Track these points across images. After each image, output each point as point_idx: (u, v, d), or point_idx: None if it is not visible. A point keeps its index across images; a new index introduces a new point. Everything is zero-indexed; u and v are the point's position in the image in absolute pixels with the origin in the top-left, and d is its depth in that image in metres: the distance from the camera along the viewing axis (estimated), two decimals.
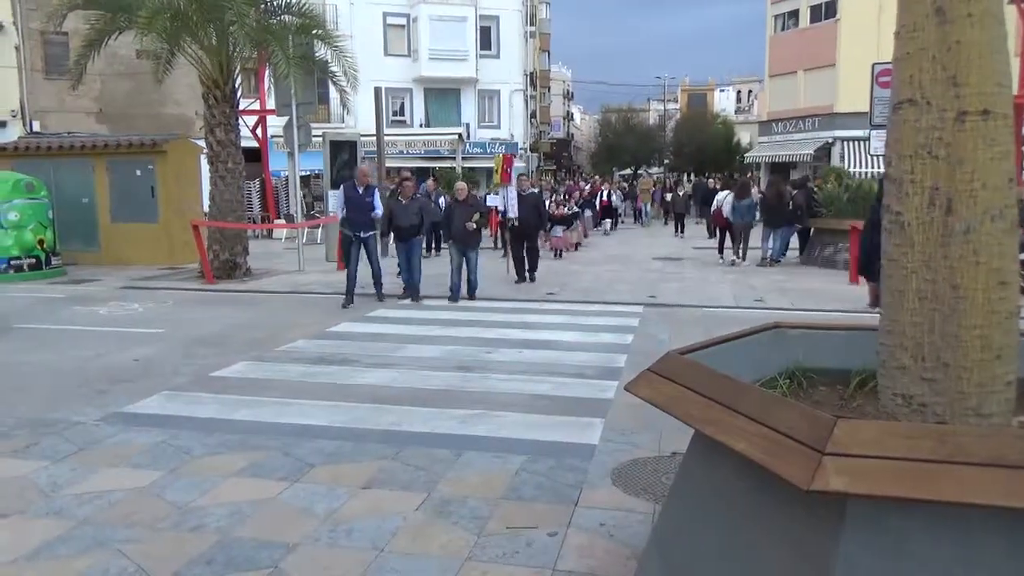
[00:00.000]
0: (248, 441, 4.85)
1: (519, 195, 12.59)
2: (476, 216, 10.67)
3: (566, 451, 4.65)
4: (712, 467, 2.50)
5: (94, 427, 5.17)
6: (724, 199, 15.49)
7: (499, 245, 16.63)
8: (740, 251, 15.08)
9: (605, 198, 24.78)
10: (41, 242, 13.39)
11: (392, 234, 10.92)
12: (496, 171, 13.73)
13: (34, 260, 13.30)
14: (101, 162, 15.05)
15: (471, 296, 10.75)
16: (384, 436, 4.95)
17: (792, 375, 2.89)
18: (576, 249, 17.90)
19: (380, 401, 5.76)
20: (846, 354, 2.91)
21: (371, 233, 10.46)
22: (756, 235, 15.22)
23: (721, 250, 15.64)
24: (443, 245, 16.87)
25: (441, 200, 16.78)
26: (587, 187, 27.73)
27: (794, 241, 15.72)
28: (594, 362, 7.06)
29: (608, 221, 24.53)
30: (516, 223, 12.48)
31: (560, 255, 16.42)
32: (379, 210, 10.57)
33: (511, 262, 12.75)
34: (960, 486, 1.77)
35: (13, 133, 24.08)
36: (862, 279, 12.06)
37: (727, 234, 15.55)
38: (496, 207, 15.15)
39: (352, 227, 10.40)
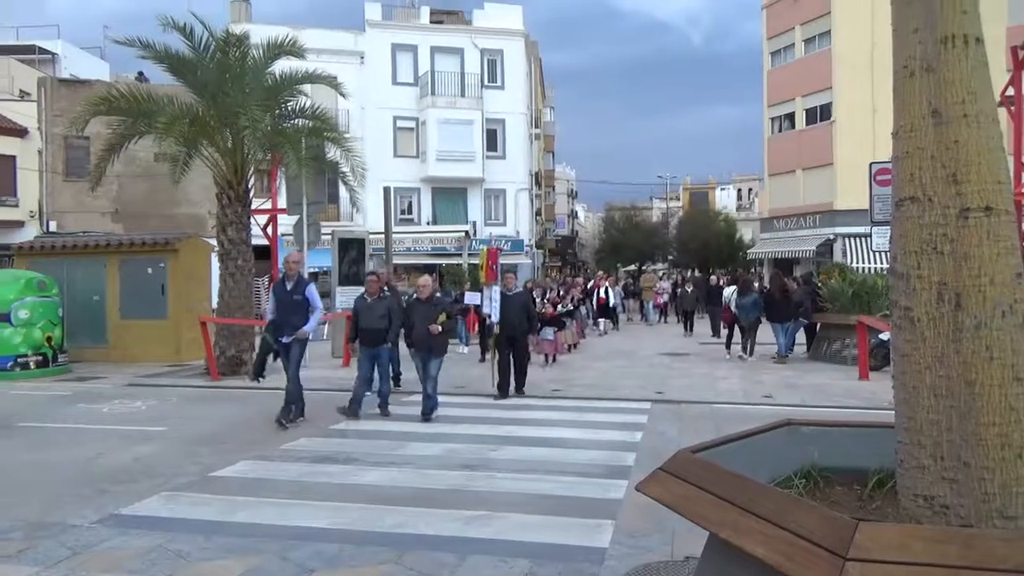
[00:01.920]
0: (247, 545, 4.69)
1: (504, 295, 11.04)
2: (441, 317, 9.00)
3: (575, 555, 4.48)
4: (728, 572, 2.40)
5: (90, 530, 5.03)
6: (731, 295, 15.62)
7: (483, 352, 14.48)
8: (747, 346, 15.02)
9: (602, 295, 22.28)
10: (49, 339, 13.43)
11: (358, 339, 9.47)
12: (480, 268, 12.13)
13: (41, 357, 13.30)
14: (114, 260, 15.29)
15: (425, 417, 8.87)
16: (386, 538, 4.79)
17: (807, 474, 2.81)
18: (570, 351, 16.23)
19: (383, 502, 5.61)
20: (861, 452, 2.84)
21: (293, 338, 8.79)
22: (767, 332, 15.17)
23: (728, 345, 15.58)
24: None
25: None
26: (582, 281, 25.44)
27: (800, 337, 15.66)
28: (602, 460, 6.90)
29: (605, 321, 22.36)
30: (498, 327, 10.96)
31: (552, 360, 14.51)
32: (319, 309, 9.09)
33: (495, 371, 10.96)
34: None
35: (31, 233, 24.65)
36: (872, 375, 12.04)
37: (734, 329, 15.54)
38: (475, 305, 13.82)
39: (275, 330, 8.82)
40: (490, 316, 11.24)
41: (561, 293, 18.11)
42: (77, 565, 4.40)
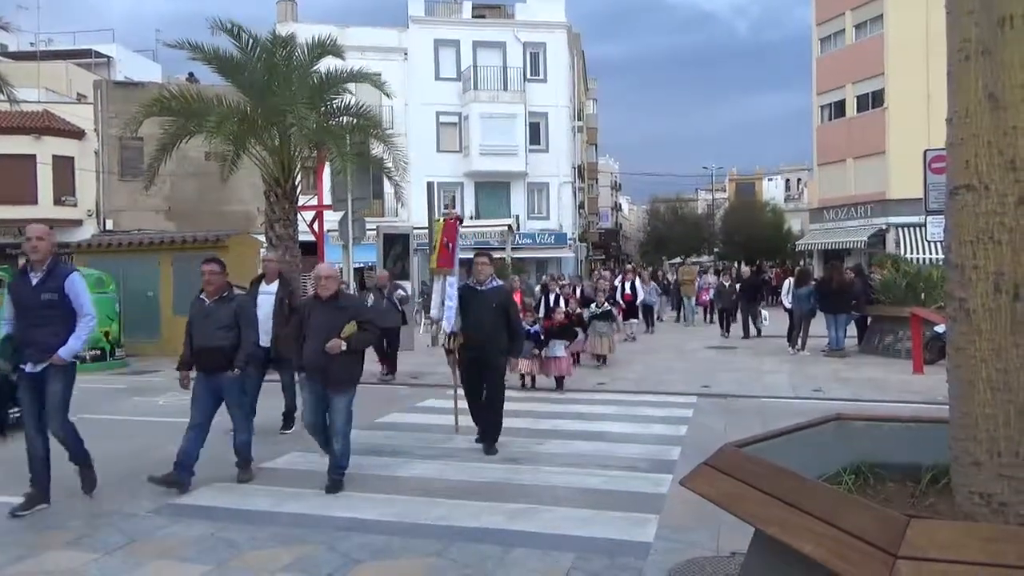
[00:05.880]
0: (295, 535, 4.79)
1: (471, 290, 7.33)
2: (349, 328, 5.86)
3: (619, 549, 4.46)
4: (775, 570, 2.36)
5: (146, 519, 5.19)
6: (789, 287, 15.44)
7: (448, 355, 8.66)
8: (796, 339, 14.72)
9: (628, 291, 18.05)
10: (107, 334, 13.87)
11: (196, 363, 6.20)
12: (433, 247, 8.37)
13: (99, 352, 13.74)
14: (166, 257, 15.71)
15: (332, 486, 5.78)
16: (432, 531, 4.84)
17: (858, 470, 2.75)
18: (604, 362, 12.99)
19: (429, 494, 5.67)
20: (914, 448, 2.77)
21: (46, 365, 5.34)
22: (818, 325, 14.81)
23: (790, 339, 15.16)
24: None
25: (399, 293, 12.10)
26: (608, 275, 21.69)
27: (852, 330, 15.29)
28: (647, 454, 6.85)
29: (634, 322, 18.35)
30: (457, 339, 7.24)
31: (561, 385, 10.60)
32: (88, 316, 5.41)
33: (456, 407, 7.82)
34: None
35: (89, 231, 25.51)
36: (927, 369, 11.69)
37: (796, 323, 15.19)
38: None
39: (14, 353, 5.42)
40: (441, 322, 7.68)
41: (578, 290, 13.80)
42: (134, 551, 4.54)
